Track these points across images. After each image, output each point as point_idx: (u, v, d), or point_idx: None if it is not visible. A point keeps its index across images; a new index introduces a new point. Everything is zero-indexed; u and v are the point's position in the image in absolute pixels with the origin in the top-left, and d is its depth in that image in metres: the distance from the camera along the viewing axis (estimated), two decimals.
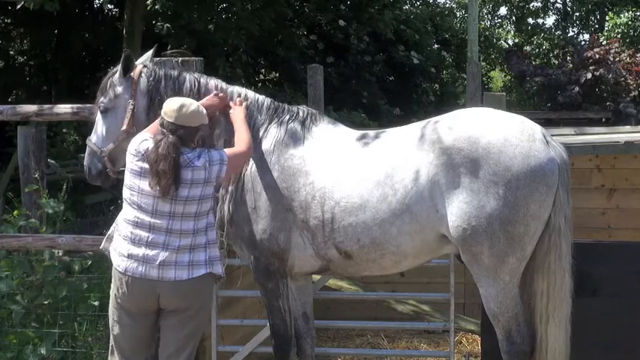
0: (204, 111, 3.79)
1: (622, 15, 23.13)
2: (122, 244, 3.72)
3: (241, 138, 3.95)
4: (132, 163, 3.70)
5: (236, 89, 4.27)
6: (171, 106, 3.71)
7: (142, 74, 4.14)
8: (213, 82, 4.22)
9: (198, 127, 3.72)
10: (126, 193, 3.72)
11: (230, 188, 4.10)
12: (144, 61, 4.28)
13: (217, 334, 4.94)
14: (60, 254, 5.11)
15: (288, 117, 4.17)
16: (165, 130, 3.66)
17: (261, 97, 4.27)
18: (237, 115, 4.08)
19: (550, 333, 3.80)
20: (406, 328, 6.53)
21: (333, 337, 6.86)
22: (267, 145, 4.09)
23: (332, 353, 6.16)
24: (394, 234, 3.82)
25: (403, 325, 6.16)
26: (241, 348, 5.05)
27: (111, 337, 3.86)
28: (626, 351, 4.39)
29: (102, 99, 4.15)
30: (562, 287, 3.78)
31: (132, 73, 4.13)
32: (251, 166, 4.07)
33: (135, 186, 3.68)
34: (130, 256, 3.67)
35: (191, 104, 3.73)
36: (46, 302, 4.99)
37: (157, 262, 3.63)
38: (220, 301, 5.03)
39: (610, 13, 25.06)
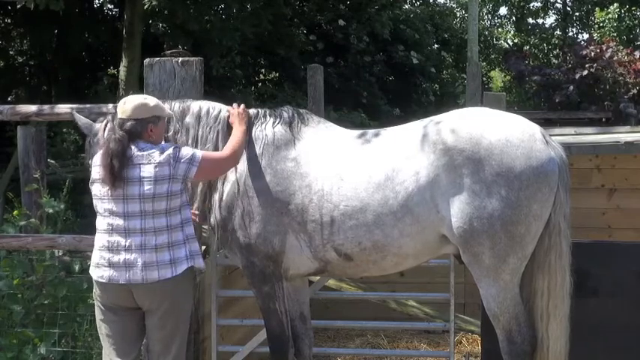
0: (158, 104, 3.80)
1: (610, 9, 23.08)
2: (98, 255, 3.75)
3: (228, 144, 3.96)
4: (95, 173, 3.75)
5: (194, 105, 4.18)
6: (119, 103, 3.80)
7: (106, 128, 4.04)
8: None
9: (147, 118, 3.73)
10: (96, 203, 3.75)
11: (220, 194, 4.08)
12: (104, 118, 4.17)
13: (217, 334, 4.93)
14: (60, 254, 5.10)
15: (272, 120, 4.12)
16: (115, 127, 3.73)
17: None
18: (236, 121, 4.08)
19: (551, 332, 3.80)
20: (406, 328, 6.53)
21: (333, 337, 6.86)
22: (255, 149, 4.05)
23: (332, 353, 6.16)
24: (396, 236, 3.80)
25: (403, 325, 6.16)
26: (241, 348, 5.04)
27: (101, 338, 3.89)
28: (626, 351, 4.39)
29: (89, 162, 4.16)
30: (562, 286, 3.79)
31: (99, 133, 4.05)
32: (241, 171, 4.03)
33: (102, 193, 3.71)
34: (110, 265, 3.69)
35: (136, 98, 3.78)
36: (46, 302, 4.98)
37: (140, 265, 3.64)
38: (220, 301, 5.02)
39: (597, 8, 25.04)
